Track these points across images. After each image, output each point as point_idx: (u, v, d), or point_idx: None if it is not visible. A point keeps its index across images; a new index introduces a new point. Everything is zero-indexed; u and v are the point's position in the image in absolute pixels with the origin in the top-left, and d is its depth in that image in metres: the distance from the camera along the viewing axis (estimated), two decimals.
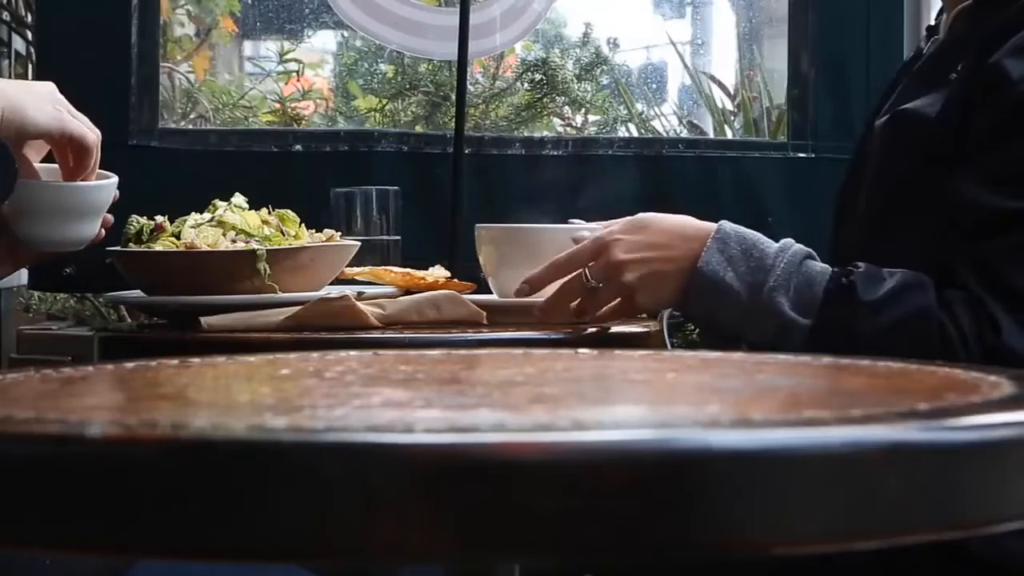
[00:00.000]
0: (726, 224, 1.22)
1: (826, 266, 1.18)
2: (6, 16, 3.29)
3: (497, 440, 0.45)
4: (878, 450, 0.46)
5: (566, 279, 1.29)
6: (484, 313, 1.37)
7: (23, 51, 3.35)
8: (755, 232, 1.23)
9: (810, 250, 1.20)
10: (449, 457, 0.43)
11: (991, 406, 0.55)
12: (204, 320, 1.33)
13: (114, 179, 1.32)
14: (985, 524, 0.50)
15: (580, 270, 1.28)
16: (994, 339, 1.08)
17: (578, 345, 1.26)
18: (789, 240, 1.21)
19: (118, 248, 1.44)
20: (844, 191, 1.34)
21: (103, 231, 1.35)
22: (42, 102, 1.23)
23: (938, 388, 0.63)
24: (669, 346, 1.60)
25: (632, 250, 1.24)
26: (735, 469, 0.44)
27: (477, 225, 1.54)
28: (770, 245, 1.19)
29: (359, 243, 1.52)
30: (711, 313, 1.22)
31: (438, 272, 1.54)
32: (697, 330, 2.65)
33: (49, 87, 1.26)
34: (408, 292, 1.46)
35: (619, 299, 1.27)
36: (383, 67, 3.08)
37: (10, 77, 3.43)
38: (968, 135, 1.14)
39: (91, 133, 1.25)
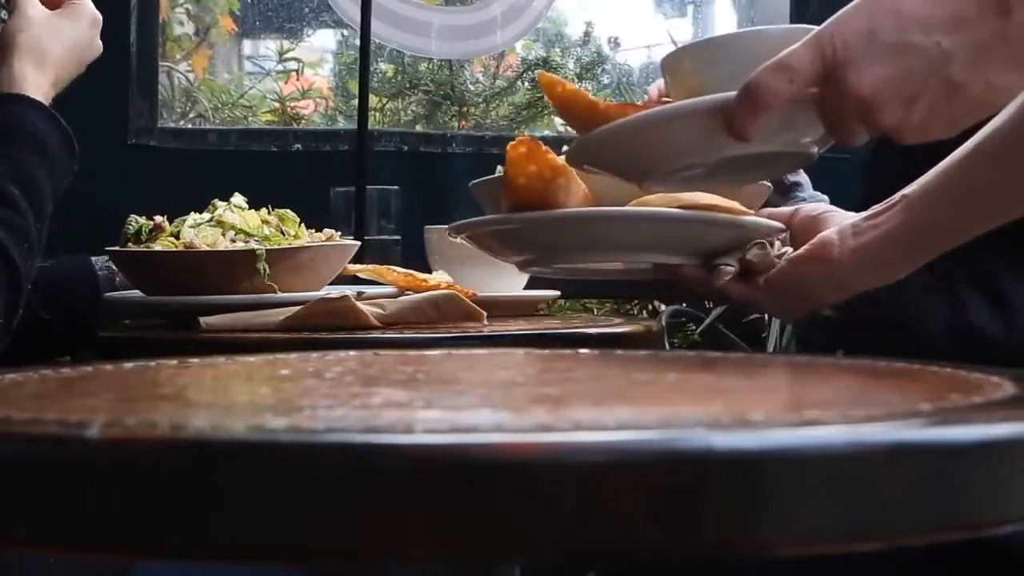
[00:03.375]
0: None
1: None
2: (5, 15, 3.29)
3: (498, 440, 0.45)
4: (880, 451, 0.46)
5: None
6: (484, 313, 1.37)
7: None
8: None
9: None
10: (449, 457, 0.43)
11: (993, 406, 0.55)
12: (203, 320, 1.33)
13: None
14: (988, 525, 0.50)
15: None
16: (960, 319, 1.10)
17: (579, 345, 1.26)
18: None
19: (117, 248, 1.44)
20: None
21: None
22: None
23: (940, 388, 0.63)
24: (667, 346, 1.61)
25: None
26: (736, 469, 0.44)
27: (426, 227, 1.56)
28: None
29: (359, 243, 1.52)
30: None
31: (440, 277, 1.54)
32: (698, 330, 2.65)
33: (84, 43, 1.27)
34: (405, 293, 1.46)
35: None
36: (383, 66, 3.08)
37: None
38: None
39: None
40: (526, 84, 2.99)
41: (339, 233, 1.51)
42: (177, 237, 1.43)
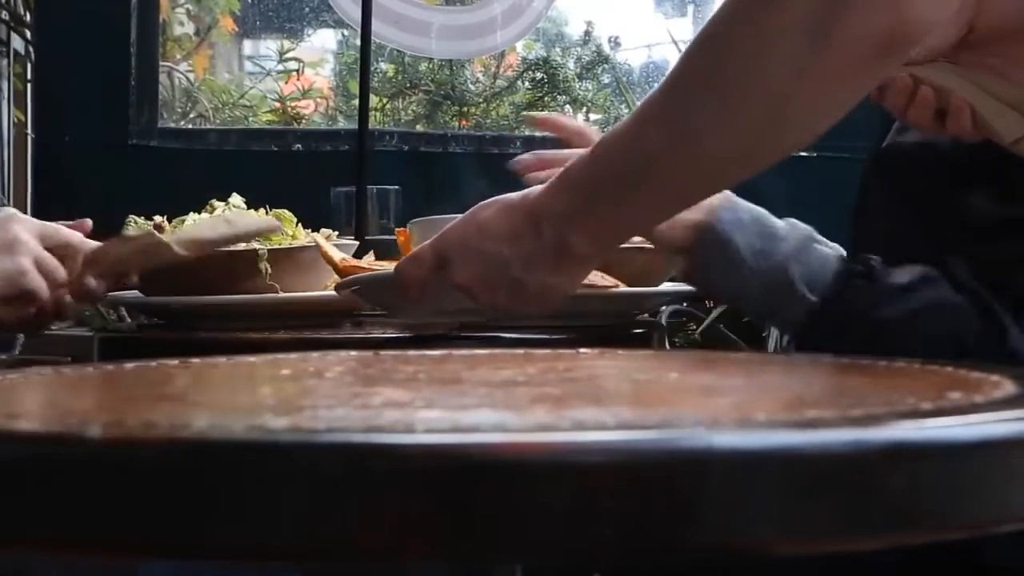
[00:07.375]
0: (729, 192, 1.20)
1: (835, 246, 1.18)
2: (5, 15, 3.29)
3: (498, 440, 0.45)
4: (880, 450, 0.46)
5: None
6: (278, 223, 1.36)
7: (22, 50, 3.35)
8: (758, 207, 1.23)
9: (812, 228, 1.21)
10: (450, 457, 0.43)
11: (993, 406, 0.55)
12: (172, 242, 1.27)
13: None
14: (988, 525, 0.50)
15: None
16: (998, 343, 1.09)
17: (580, 345, 1.26)
18: (792, 220, 1.21)
19: None
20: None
21: None
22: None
23: (940, 387, 0.63)
24: (668, 346, 1.61)
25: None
26: (737, 469, 0.44)
27: (411, 221, 1.55)
28: (776, 220, 1.19)
29: (358, 243, 1.52)
30: (711, 275, 1.20)
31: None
32: (698, 329, 2.65)
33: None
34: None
35: None
36: (383, 66, 3.08)
37: (9, 76, 3.42)
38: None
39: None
40: (526, 84, 2.99)
41: (336, 233, 1.51)
42: None
